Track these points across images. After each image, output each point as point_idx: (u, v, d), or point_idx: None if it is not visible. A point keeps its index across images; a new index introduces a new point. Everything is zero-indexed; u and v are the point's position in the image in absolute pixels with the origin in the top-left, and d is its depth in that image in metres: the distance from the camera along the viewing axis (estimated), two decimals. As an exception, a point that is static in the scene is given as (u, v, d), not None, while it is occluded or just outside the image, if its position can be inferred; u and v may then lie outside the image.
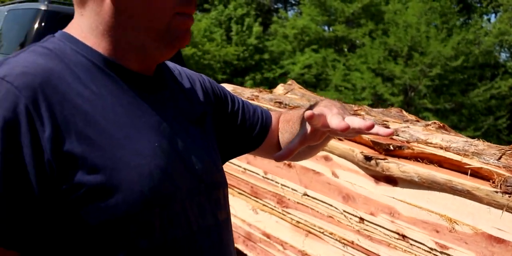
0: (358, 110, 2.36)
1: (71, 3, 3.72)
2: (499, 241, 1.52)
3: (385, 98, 16.30)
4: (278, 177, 2.28)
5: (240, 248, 2.50)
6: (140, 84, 0.85)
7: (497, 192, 1.49)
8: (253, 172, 2.46)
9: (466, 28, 17.28)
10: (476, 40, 16.89)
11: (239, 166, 2.56)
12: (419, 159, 1.79)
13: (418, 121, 2.27)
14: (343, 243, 2.01)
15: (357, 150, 1.89)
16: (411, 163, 1.76)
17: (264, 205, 2.40)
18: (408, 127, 1.93)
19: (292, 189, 2.22)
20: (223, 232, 0.91)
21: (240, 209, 2.50)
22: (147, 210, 0.76)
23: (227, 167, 2.33)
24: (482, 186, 1.54)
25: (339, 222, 2.02)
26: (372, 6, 19.10)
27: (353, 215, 1.94)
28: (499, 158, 1.59)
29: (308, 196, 2.12)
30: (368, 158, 1.85)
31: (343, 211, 1.98)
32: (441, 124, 2.07)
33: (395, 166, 1.77)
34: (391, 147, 1.82)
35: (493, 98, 16.20)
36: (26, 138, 0.69)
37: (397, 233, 1.79)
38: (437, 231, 1.67)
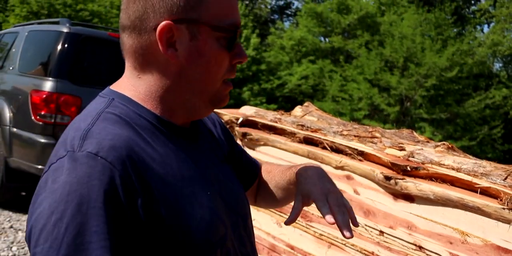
0: (373, 132, 2.59)
1: (91, 25, 3.98)
2: (506, 251, 1.74)
3: (382, 109, 16.50)
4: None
5: (264, 259, 2.71)
6: (186, 136, 0.98)
7: (504, 209, 1.72)
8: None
9: (460, 39, 17.60)
10: (470, 51, 17.21)
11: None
12: (433, 179, 2.02)
13: (428, 142, 2.50)
14: (364, 254, 2.22)
15: (378, 171, 2.12)
16: (427, 183, 1.99)
17: (287, 219, 2.61)
18: (422, 149, 2.16)
19: (315, 205, 2.44)
20: (254, 253, 1.07)
21: (265, 223, 2.71)
22: (211, 251, 0.90)
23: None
24: (491, 203, 1.76)
25: (360, 235, 2.23)
26: (368, 18, 19.38)
27: (374, 229, 2.16)
28: (505, 179, 1.82)
29: (331, 211, 2.34)
30: (388, 178, 2.08)
31: (365, 225, 2.20)
32: (450, 145, 2.31)
33: (413, 185, 2.00)
34: (408, 168, 2.04)
35: (488, 108, 16.47)
36: (122, 208, 0.79)
37: (415, 245, 2.01)
38: (451, 243, 1.89)
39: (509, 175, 1.83)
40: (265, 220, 2.72)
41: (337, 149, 2.40)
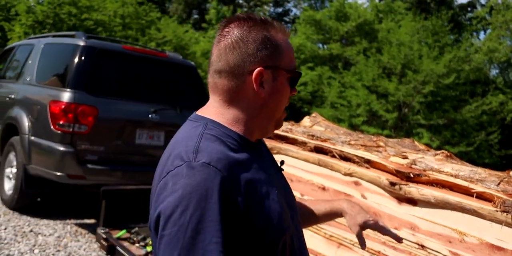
0: (377, 141, 2.82)
1: (105, 38, 4.24)
2: (500, 249, 1.96)
3: (380, 115, 16.66)
4: (314, 199, 2.72)
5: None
6: (256, 150, 1.29)
7: (497, 211, 1.94)
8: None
9: (457, 46, 17.88)
10: (467, 58, 17.48)
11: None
12: (434, 184, 2.25)
13: (429, 151, 2.73)
14: (371, 253, 2.44)
15: (383, 177, 2.35)
16: (428, 188, 2.22)
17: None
18: (423, 158, 2.38)
19: (325, 208, 2.66)
20: (304, 239, 1.40)
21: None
22: (284, 235, 1.21)
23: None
24: (486, 206, 1.99)
25: (368, 235, 2.45)
26: (366, 25, 19.64)
27: (380, 230, 2.38)
28: (498, 184, 2.05)
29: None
30: (393, 184, 2.31)
31: (372, 226, 2.42)
32: (449, 154, 2.53)
33: (415, 190, 2.22)
34: (411, 175, 2.27)
35: (485, 114, 16.70)
36: (230, 204, 1.08)
37: (417, 244, 2.23)
38: (450, 242, 2.12)
39: (502, 181, 2.06)
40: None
41: (346, 158, 2.63)
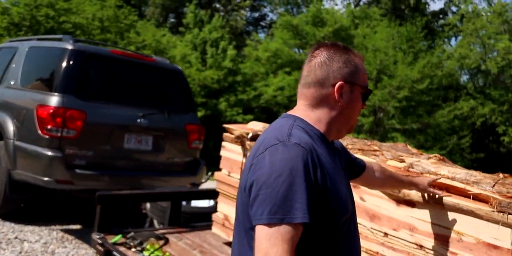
0: (371, 145, 2.90)
1: (93, 42, 4.24)
2: (496, 247, 2.05)
3: (356, 119, 16.90)
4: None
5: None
6: (331, 148, 1.62)
7: (494, 211, 2.03)
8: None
9: (431, 52, 18.27)
10: (440, 64, 17.89)
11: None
12: (432, 187, 2.34)
13: (422, 154, 2.83)
14: (370, 254, 2.52)
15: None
16: (426, 190, 2.30)
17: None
18: (419, 161, 2.47)
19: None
20: (358, 232, 1.70)
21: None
22: (347, 214, 1.52)
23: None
24: (482, 207, 2.08)
25: (366, 237, 2.53)
26: (342, 31, 19.87)
27: (379, 231, 2.46)
28: (493, 186, 2.14)
29: (339, 216, 2.63)
30: (392, 186, 2.38)
31: (370, 228, 2.49)
32: (441, 157, 2.63)
33: (414, 193, 2.31)
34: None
35: (457, 119, 17.10)
36: (313, 176, 1.40)
37: (416, 244, 2.32)
38: (448, 241, 2.21)
39: (497, 183, 2.15)
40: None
41: (343, 161, 2.70)
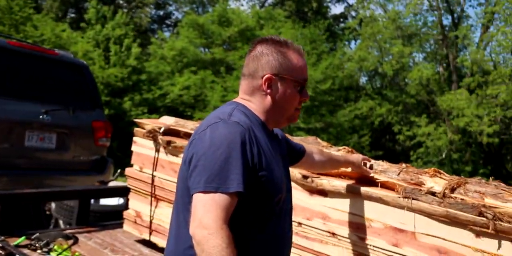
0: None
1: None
2: (401, 231, 2.19)
3: (262, 118, 17.18)
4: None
5: None
6: (271, 136, 1.74)
7: (400, 197, 2.16)
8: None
9: (332, 54, 19.06)
10: (341, 65, 18.74)
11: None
12: (342, 176, 2.45)
13: (331, 147, 2.94)
14: (284, 243, 2.57)
15: (296, 171, 2.49)
16: (337, 180, 2.41)
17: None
18: (330, 153, 2.57)
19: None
20: (291, 210, 1.84)
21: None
22: (280, 193, 1.63)
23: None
24: (389, 194, 2.21)
25: (281, 227, 2.59)
26: (248, 31, 20.15)
27: (293, 221, 2.52)
28: (399, 174, 2.28)
29: (254, 208, 2.67)
30: (305, 177, 2.46)
31: (285, 218, 2.55)
32: (350, 149, 2.75)
33: (327, 182, 2.40)
34: (322, 168, 2.44)
35: (357, 118, 18.02)
36: (250, 151, 1.52)
37: (328, 232, 2.41)
38: (359, 228, 2.32)
39: (401, 171, 2.30)
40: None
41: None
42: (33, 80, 4.75)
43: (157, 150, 3.18)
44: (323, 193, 2.46)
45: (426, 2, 19.18)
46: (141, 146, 3.37)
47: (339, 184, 2.36)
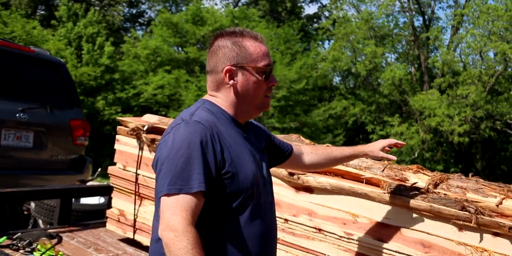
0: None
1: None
2: (387, 226, 2.25)
3: (236, 118, 17.17)
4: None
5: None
6: (242, 129, 1.72)
7: (385, 193, 2.22)
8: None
9: (307, 54, 19.18)
10: (315, 65, 18.88)
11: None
12: (327, 173, 2.49)
13: (314, 144, 2.98)
14: (270, 240, 2.61)
15: (282, 168, 2.53)
16: (323, 176, 2.45)
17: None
18: (315, 150, 2.61)
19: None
20: (272, 205, 1.79)
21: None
22: (252, 187, 1.61)
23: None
24: (375, 190, 2.26)
25: (267, 224, 2.61)
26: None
27: (279, 218, 2.56)
28: (383, 170, 2.34)
29: (240, 205, 2.70)
30: (292, 174, 2.50)
31: (271, 215, 2.58)
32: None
33: (312, 179, 2.44)
34: (308, 165, 2.48)
35: (331, 118, 18.19)
36: (211, 149, 1.52)
37: (315, 228, 2.45)
38: (344, 224, 2.36)
39: (386, 168, 2.36)
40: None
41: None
42: (9, 78, 4.67)
43: (141, 148, 3.18)
44: (309, 190, 2.50)
45: (398, 4, 19.50)
46: (124, 144, 3.35)
47: (325, 181, 2.41)
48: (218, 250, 1.55)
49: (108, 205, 3.64)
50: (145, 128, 3.11)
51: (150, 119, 3.28)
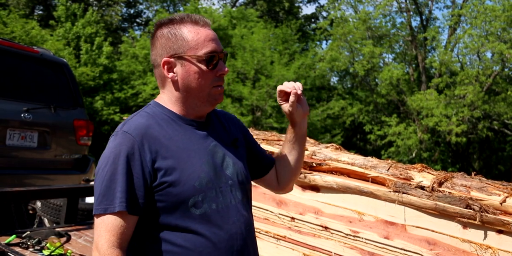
0: (272, 136, 3.05)
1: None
2: (392, 224, 2.30)
3: (235, 118, 17.21)
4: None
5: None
6: (195, 126, 1.53)
7: (390, 191, 2.27)
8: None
9: (305, 54, 19.24)
10: (313, 65, 18.94)
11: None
12: (333, 172, 2.54)
13: (319, 144, 3.03)
14: (277, 238, 2.66)
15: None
16: (329, 175, 2.50)
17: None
18: (321, 149, 2.66)
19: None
20: (242, 207, 1.55)
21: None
22: (196, 194, 1.43)
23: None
24: (380, 188, 2.31)
25: (274, 222, 2.67)
26: (220, 30, 20.10)
27: (286, 216, 2.61)
28: (388, 169, 2.39)
29: (247, 204, 2.74)
30: (298, 173, 2.54)
31: (278, 214, 2.63)
32: (338, 146, 2.85)
33: (319, 178, 2.49)
34: (314, 164, 2.53)
35: (329, 118, 18.25)
36: (138, 161, 1.40)
37: (321, 226, 2.50)
38: (350, 222, 2.41)
39: (391, 167, 2.40)
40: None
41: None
42: (14, 78, 4.70)
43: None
44: (316, 189, 2.55)
45: (395, 4, 19.59)
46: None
47: (331, 180, 2.46)
48: None
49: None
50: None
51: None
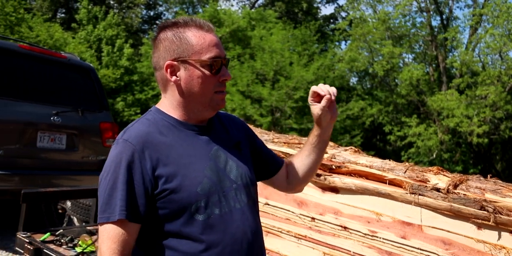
0: (293, 139, 3.16)
1: (1, 37, 4.11)
2: (409, 224, 2.39)
3: (254, 119, 17.32)
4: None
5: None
6: (197, 131, 1.53)
7: (407, 193, 2.36)
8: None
9: (324, 55, 19.25)
10: (332, 66, 18.95)
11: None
12: (352, 174, 2.64)
13: (338, 147, 3.13)
14: (298, 238, 2.76)
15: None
16: (348, 177, 2.60)
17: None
18: (340, 152, 2.76)
19: (252, 201, 2.94)
20: (248, 210, 1.54)
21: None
22: (199, 200, 1.43)
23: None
24: (398, 190, 2.40)
25: (295, 222, 2.78)
26: (239, 31, 20.24)
27: (306, 216, 2.72)
28: (405, 172, 2.48)
29: (269, 205, 2.86)
30: (318, 175, 2.65)
31: (299, 214, 2.74)
32: (356, 149, 2.95)
33: (338, 180, 2.59)
34: (333, 167, 2.64)
35: (348, 118, 18.22)
36: (138, 169, 1.40)
37: (341, 226, 2.60)
38: (369, 222, 2.51)
39: (408, 170, 2.49)
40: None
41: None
42: (44, 83, 4.89)
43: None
44: (335, 190, 2.65)
45: (415, 3, 19.49)
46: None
47: (350, 182, 2.55)
48: None
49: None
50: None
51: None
